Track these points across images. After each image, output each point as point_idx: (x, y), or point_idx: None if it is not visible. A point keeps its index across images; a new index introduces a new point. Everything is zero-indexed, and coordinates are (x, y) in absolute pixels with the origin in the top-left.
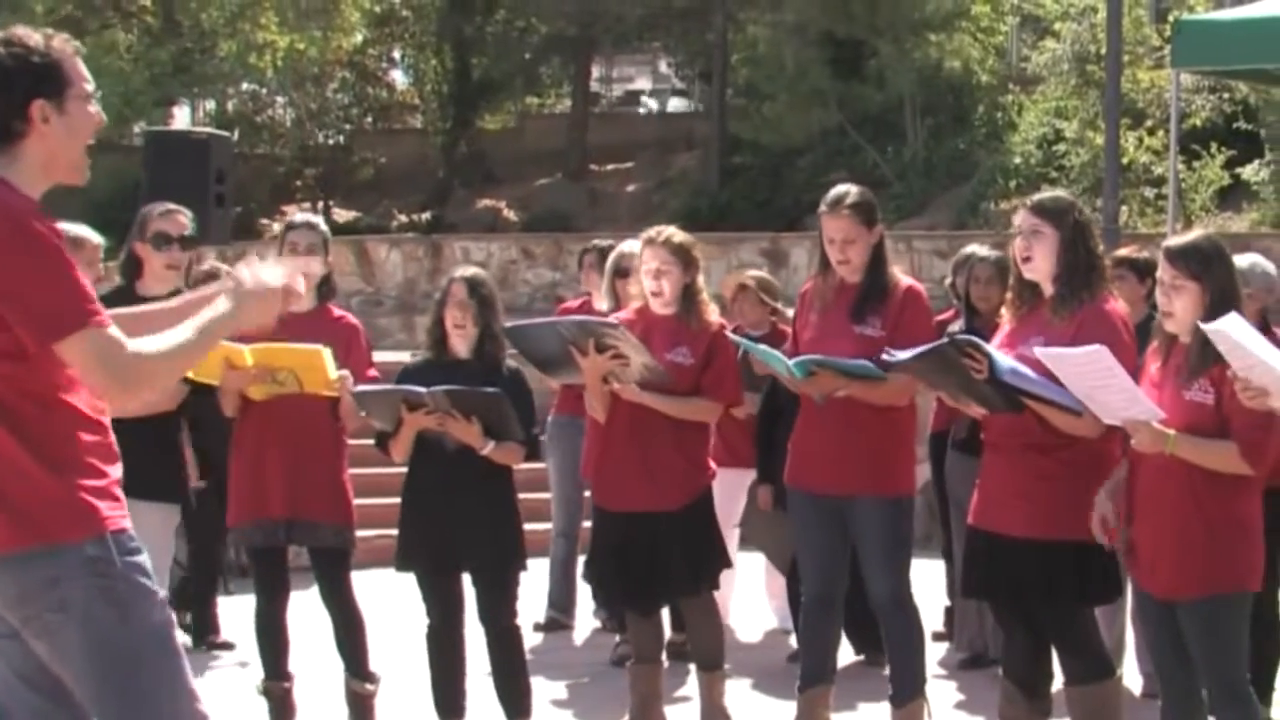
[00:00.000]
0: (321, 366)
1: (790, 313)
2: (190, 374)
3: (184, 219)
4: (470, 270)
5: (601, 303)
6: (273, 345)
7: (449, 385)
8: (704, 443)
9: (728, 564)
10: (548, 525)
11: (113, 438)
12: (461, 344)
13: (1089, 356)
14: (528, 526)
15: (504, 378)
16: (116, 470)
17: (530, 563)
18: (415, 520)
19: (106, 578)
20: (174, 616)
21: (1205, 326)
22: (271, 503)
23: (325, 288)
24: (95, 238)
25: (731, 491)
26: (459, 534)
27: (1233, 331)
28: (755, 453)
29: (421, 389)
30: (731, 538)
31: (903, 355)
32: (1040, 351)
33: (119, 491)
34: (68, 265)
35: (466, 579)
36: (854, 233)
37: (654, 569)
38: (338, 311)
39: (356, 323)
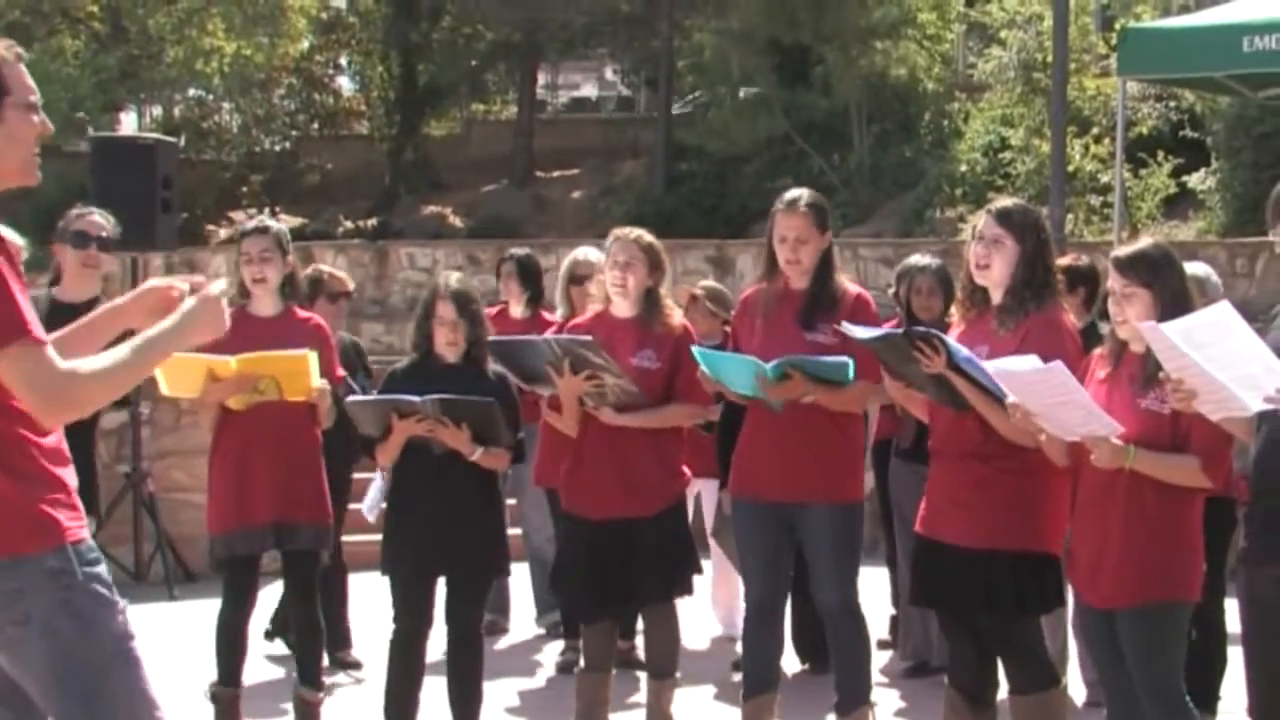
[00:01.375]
0: (306, 371)
1: None
2: (165, 389)
3: (99, 219)
4: (454, 284)
5: (519, 311)
6: (257, 354)
7: (439, 393)
8: (679, 449)
9: (699, 570)
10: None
11: (66, 445)
12: (450, 352)
13: (1044, 373)
14: None
15: (491, 382)
16: (73, 478)
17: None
18: (403, 523)
19: (69, 590)
20: (131, 626)
21: (1140, 326)
22: (258, 509)
23: (289, 289)
24: (17, 240)
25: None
26: (447, 538)
27: (1177, 335)
28: (718, 461)
29: (414, 398)
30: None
31: (863, 333)
32: (995, 371)
33: (76, 500)
34: (4, 280)
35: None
36: (807, 232)
37: (628, 575)
38: (303, 313)
39: (323, 323)
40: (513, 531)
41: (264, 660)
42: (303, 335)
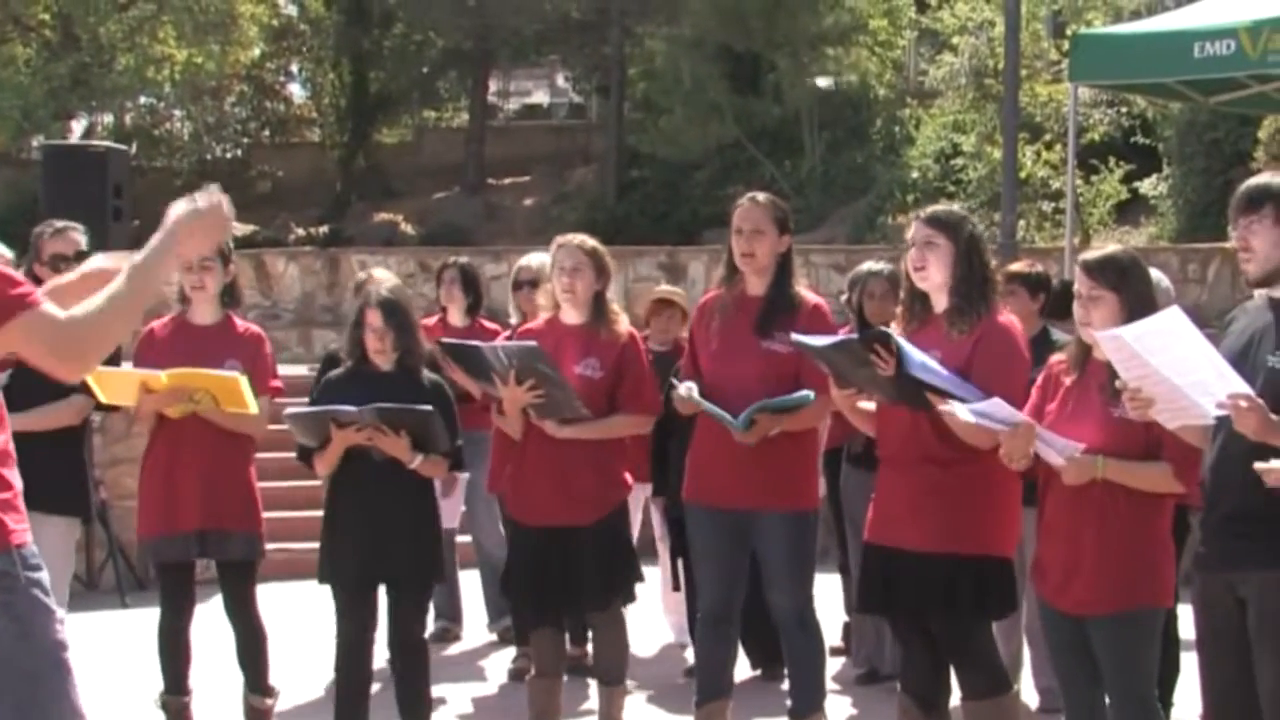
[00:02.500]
0: (239, 391)
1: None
2: (103, 397)
3: (77, 235)
4: (383, 292)
5: (458, 319)
6: (189, 370)
7: (374, 400)
8: (619, 457)
9: (640, 578)
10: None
11: (12, 445)
12: (382, 360)
13: (988, 412)
14: None
15: (426, 390)
16: (18, 480)
17: None
18: (340, 531)
19: (10, 593)
20: (67, 636)
21: (1098, 335)
22: (185, 515)
23: (229, 297)
24: (5, 252)
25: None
26: (385, 546)
27: (1130, 340)
28: (651, 469)
29: (353, 408)
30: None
31: (814, 342)
32: (968, 410)
33: (21, 504)
34: None
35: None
36: (764, 224)
37: (568, 582)
38: (241, 323)
39: (260, 332)
40: (465, 538)
41: (215, 667)
42: (239, 345)
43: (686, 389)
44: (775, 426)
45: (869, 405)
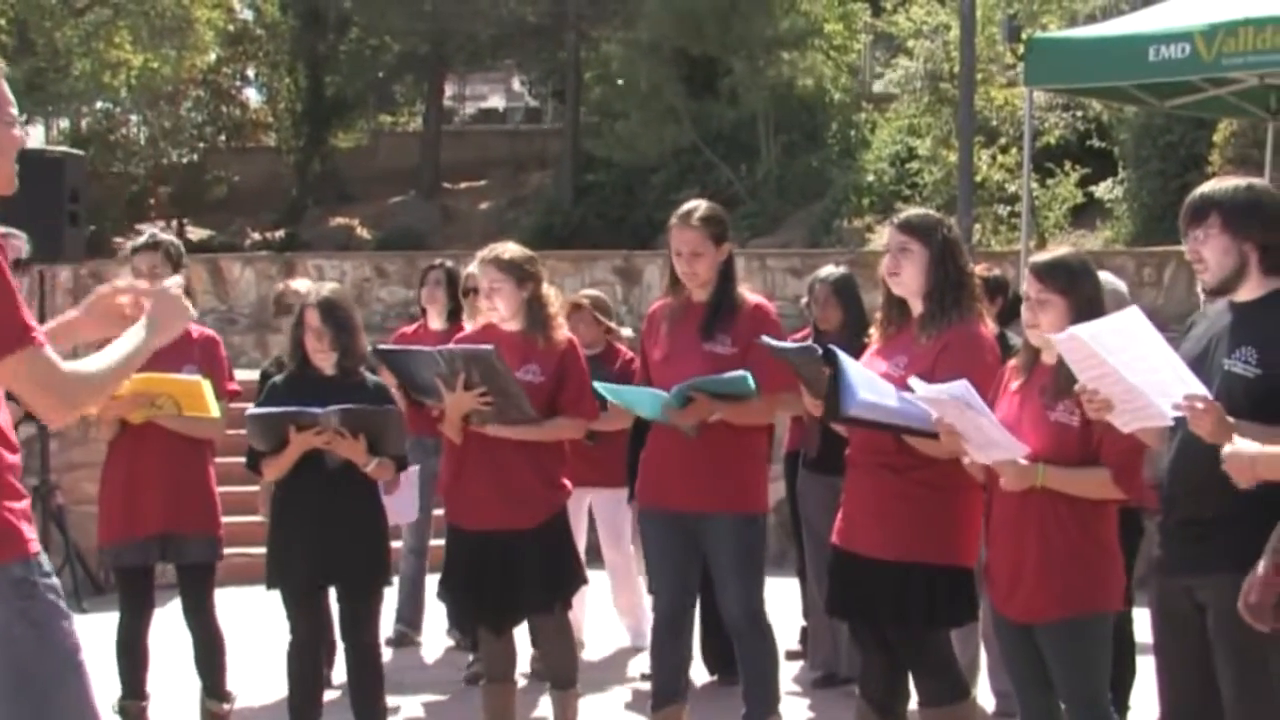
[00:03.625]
0: (201, 395)
1: (626, 331)
2: None
3: (18, 243)
4: (323, 293)
5: (438, 322)
6: (151, 375)
7: (323, 404)
8: (559, 461)
9: (583, 581)
10: (398, 542)
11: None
12: (324, 362)
13: (951, 393)
14: None
15: (371, 392)
16: (29, 492)
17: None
18: (288, 535)
19: (29, 599)
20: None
21: (1054, 336)
22: (146, 520)
23: None
24: (19, 237)
25: (612, 511)
26: (332, 549)
27: (1088, 338)
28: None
29: (317, 410)
30: (638, 558)
31: (780, 344)
32: (915, 385)
33: (32, 513)
34: (7, 285)
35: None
36: (701, 246)
37: (508, 587)
38: (195, 328)
39: (215, 336)
40: (436, 542)
41: (172, 672)
42: (196, 350)
43: (605, 389)
44: (714, 411)
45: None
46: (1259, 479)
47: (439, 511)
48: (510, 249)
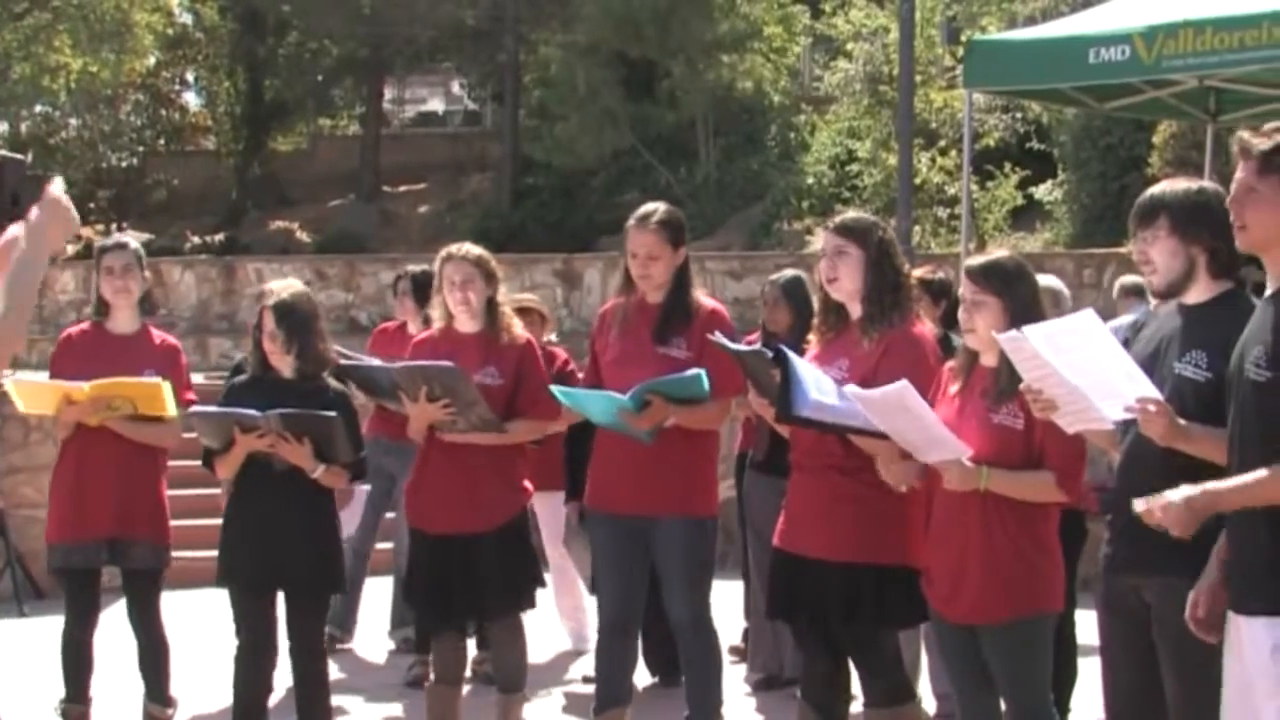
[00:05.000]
0: (160, 397)
1: (552, 336)
2: (22, 407)
3: None
4: (283, 295)
5: (416, 328)
6: (111, 380)
7: (278, 407)
8: (520, 463)
9: (543, 583)
10: None
11: None
12: (283, 366)
13: (891, 396)
14: None
15: (329, 398)
16: None
17: None
18: (238, 537)
19: None
20: None
21: (999, 336)
22: (95, 523)
23: (145, 305)
24: None
25: (551, 513)
26: (282, 553)
27: (1033, 339)
28: (565, 474)
29: (256, 413)
30: (573, 560)
31: (731, 344)
32: (850, 392)
33: None
34: None
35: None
36: (658, 249)
37: (471, 590)
38: (158, 334)
39: (176, 344)
40: (385, 545)
41: (114, 676)
42: (157, 356)
43: (560, 392)
44: (669, 415)
45: None
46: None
47: (390, 515)
48: (475, 247)
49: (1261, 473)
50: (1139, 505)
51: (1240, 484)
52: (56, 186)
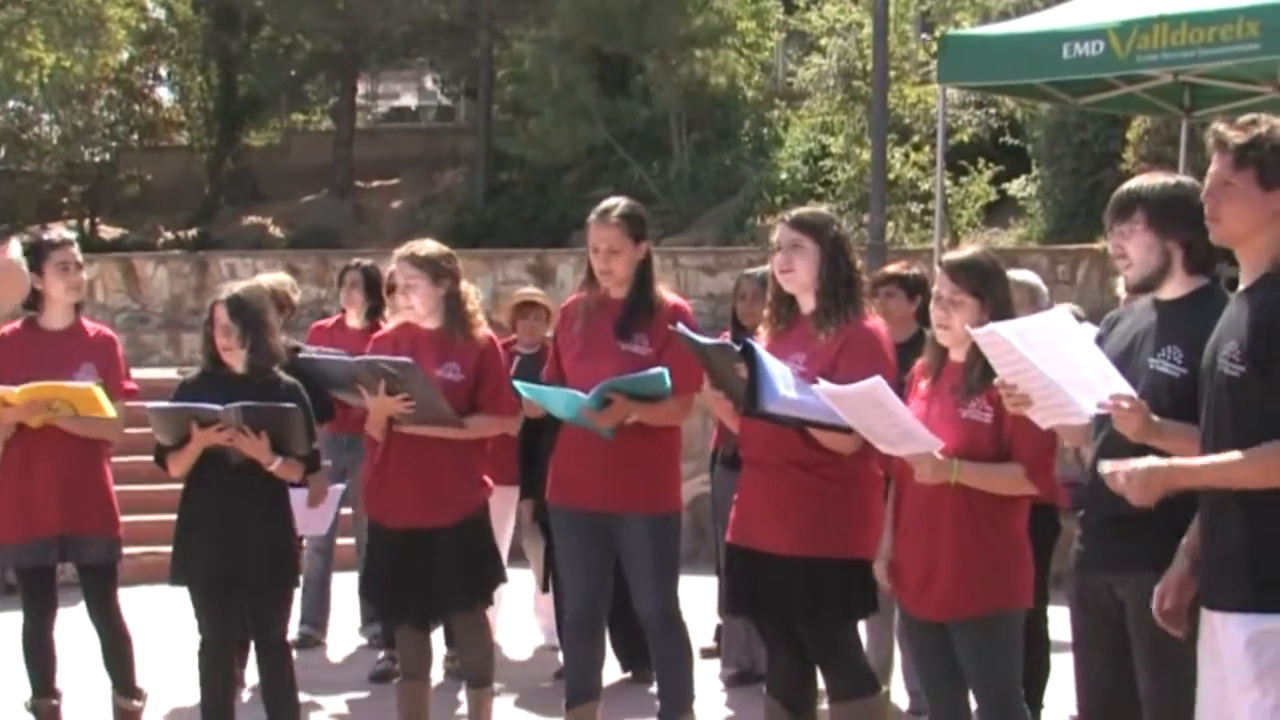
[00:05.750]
0: (95, 400)
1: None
2: None
3: None
4: (235, 290)
5: (356, 321)
6: (43, 384)
7: (236, 401)
8: (480, 458)
9: (503, 579)
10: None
11: None
12: (235, 361)
13: (864, 392)
14: None
15: (281, 392)
16: None
17: None
18: (193, 534)
19: None
20: None
21: (973, 331)
22: (42, 520)
23: (79, 302)
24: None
25: (502, 509)
26: (238, 549)
27: (1009, 335)
28: (519, 471)
29: (216, 407)
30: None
31: (696, 337)
32: (820, 390)
33: None
34: None
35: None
36: (619, 243)
37: (430, 584)
38: (91, 326)
39: (112, 334)
40: (347, 540)
41: (84, 669)
42: (92, 349)
43: (522, 387)
44: (631, 413)
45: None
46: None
47: (346, 510)
48: (426, 246)
49: (1234, 455)
50: (1105, 466)
51: (1209, 463)
52: (14, 250)
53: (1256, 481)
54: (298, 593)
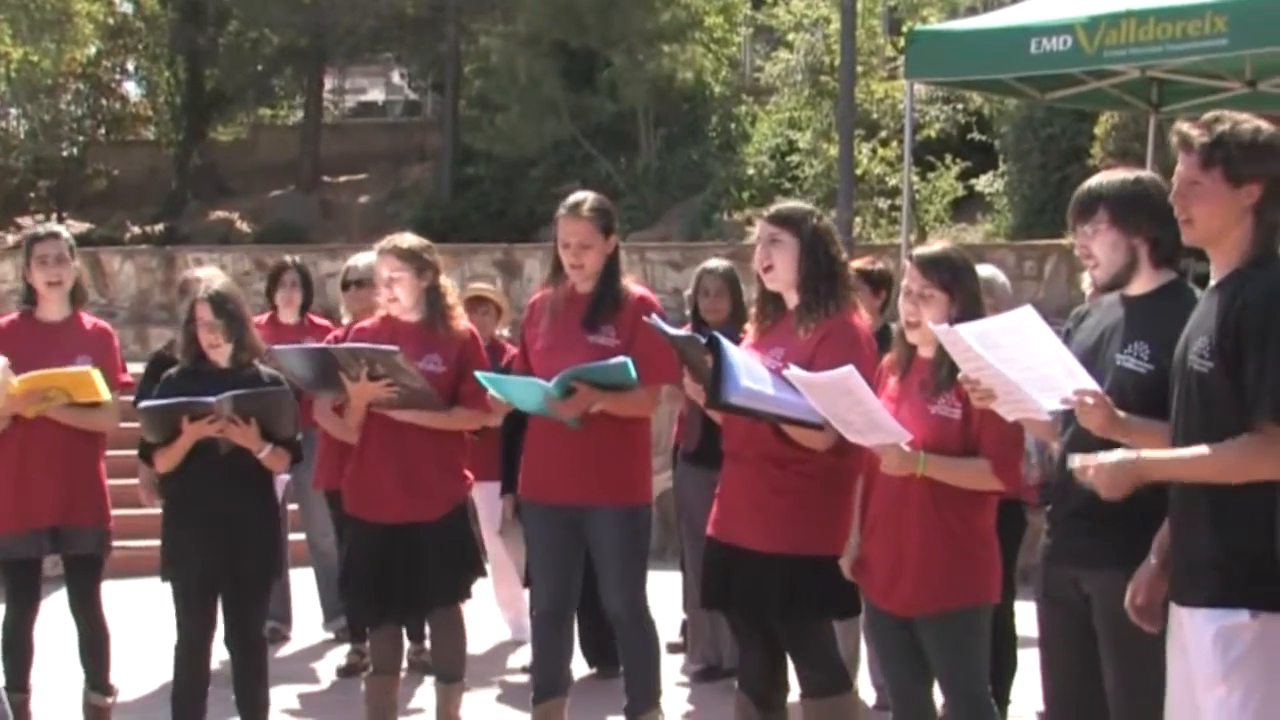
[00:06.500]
0: (92, 383)
1: (505, 330)
2: None
3: None
4: (215, 286)
5: (290, 317)
6: (41, 372)
7: (225, 393)
8: (461, 452)
9: (483, 573)
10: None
11: None
12: (217, 354)
13: (836, 380)
14: None
15: (264, 383)
16: None
17: None
18: (184, 532)
19: None
20: None
21: (935, 329)
22: (38, 513)
23: (76, 294)
24: None
25: (490, 504)
26: (229, 543)
27: (968, 335)
28: (501, 465)
29: (209, 400)
30: (511, 550)
31: (668, 328)
32: (790, 375)
33: None
34: None
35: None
36: (590, 238)
37: (412, 579)
38: (89, 319)
39: (108, 328)
40: (297, 536)
41: (55, 665)
42: (89, 341)
43: (486, 380)
44: (596, 401)
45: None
46: (1141, 484)
47: (294, 506)
48: (408, 239)
49: (1202, 449)
50: (1075, 461)
51: (1177, 457)
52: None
53: (1223, 476)
54: None
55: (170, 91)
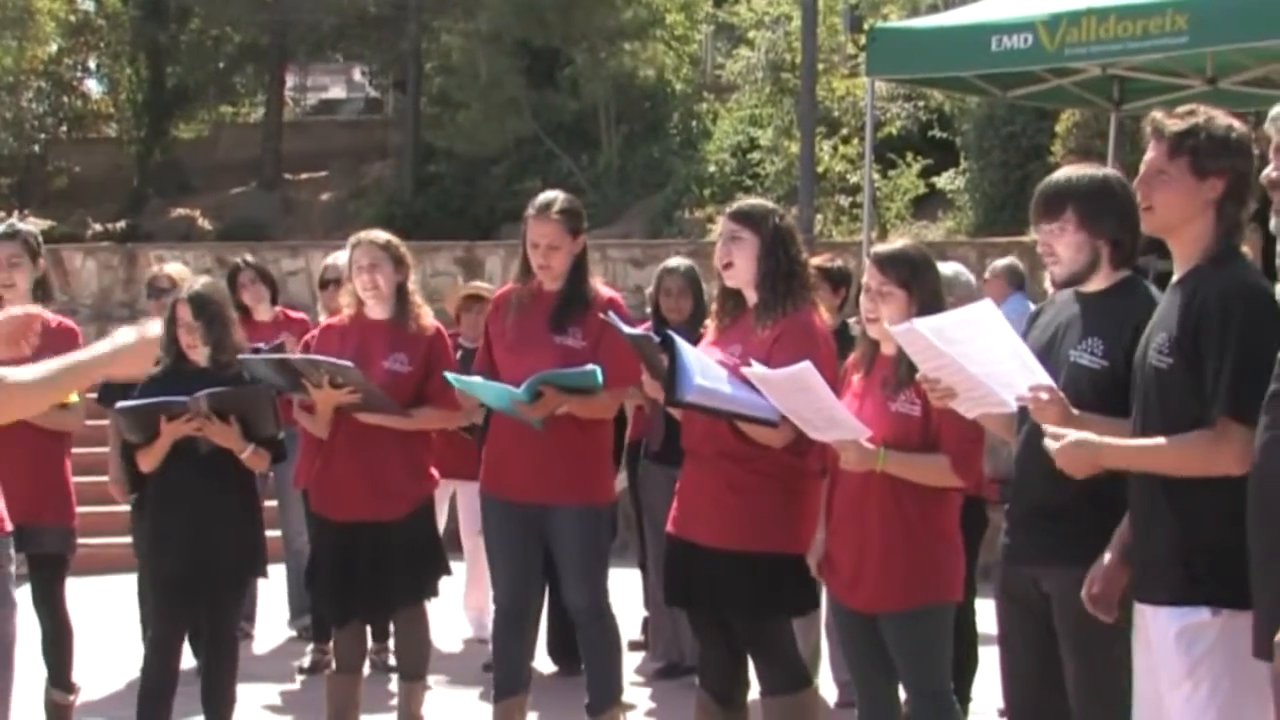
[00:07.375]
0: None
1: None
2: None
3: None
4: (196, 287)
5: (265, 314)
6: None
7: (203, 392)
8: (426, 451)
9: (447, 571)
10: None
11: None
12: (197, 354)
13: (793, 376)
14: None
15: (244, 382)
16: None
17: None
18: (165, 532)
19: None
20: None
21: (891, 329)
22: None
23: (40, 291)
24: None
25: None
26: (211, 543)
27: (926, 331)
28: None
29: (184, 399)
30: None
31: (626, 328)
32: (747, 372)
33: None
34: None
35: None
36: (559, 239)
37: (377, 578)
38: (54, 318)
39: (74, 326)
40: (273, 534)
41: (18, 661)
42: (54, 341)
43: (454, 379)
44: (562, 404)
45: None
46: (1098, 469)
47: (271, 503)
48: (383, 234)
49: (1160, 440)
50: (1050, 440)
51: (1135, 445)
52: (154, 327)
53: (1178, 469)
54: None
55: (132, 89)
